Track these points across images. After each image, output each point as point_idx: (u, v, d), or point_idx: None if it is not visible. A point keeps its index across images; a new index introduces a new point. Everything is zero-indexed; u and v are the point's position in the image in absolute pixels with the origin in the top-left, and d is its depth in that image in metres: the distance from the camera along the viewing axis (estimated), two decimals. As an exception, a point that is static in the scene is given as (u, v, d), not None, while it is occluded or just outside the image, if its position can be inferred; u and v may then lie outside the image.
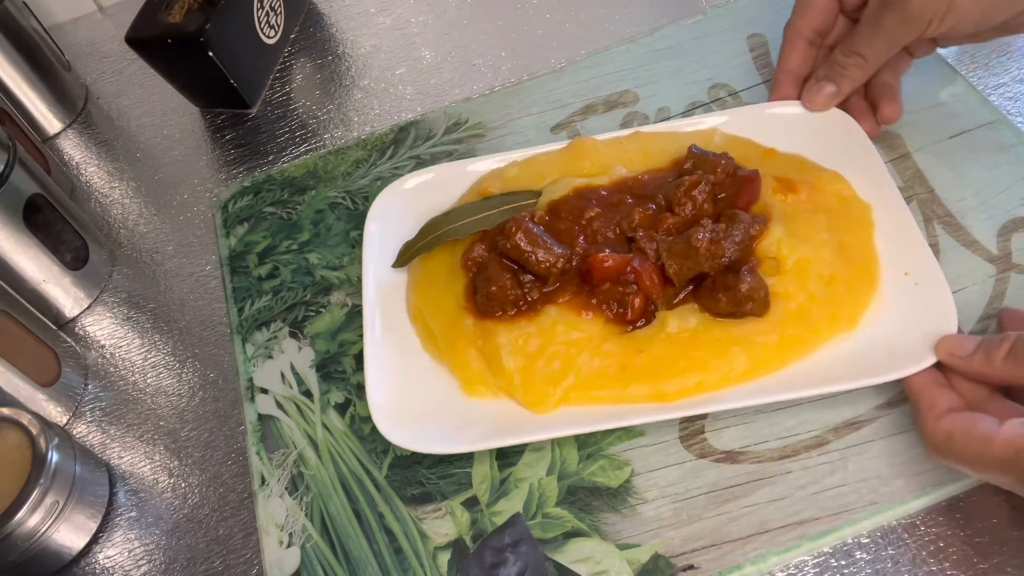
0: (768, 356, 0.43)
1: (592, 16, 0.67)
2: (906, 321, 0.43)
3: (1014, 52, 0.56)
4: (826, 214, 0.47)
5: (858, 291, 0.44)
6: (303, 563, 0.44)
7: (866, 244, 0.46)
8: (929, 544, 0.39)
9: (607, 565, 0.41)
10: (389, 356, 0.48)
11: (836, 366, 0.42)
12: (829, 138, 0.51)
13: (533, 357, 0.45)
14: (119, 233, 0.64)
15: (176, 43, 0.63)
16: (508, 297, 0.46)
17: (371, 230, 0.53)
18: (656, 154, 0.52)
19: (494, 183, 0.52)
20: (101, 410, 0.55)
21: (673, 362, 0.43)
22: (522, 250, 0.46)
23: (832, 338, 0.43)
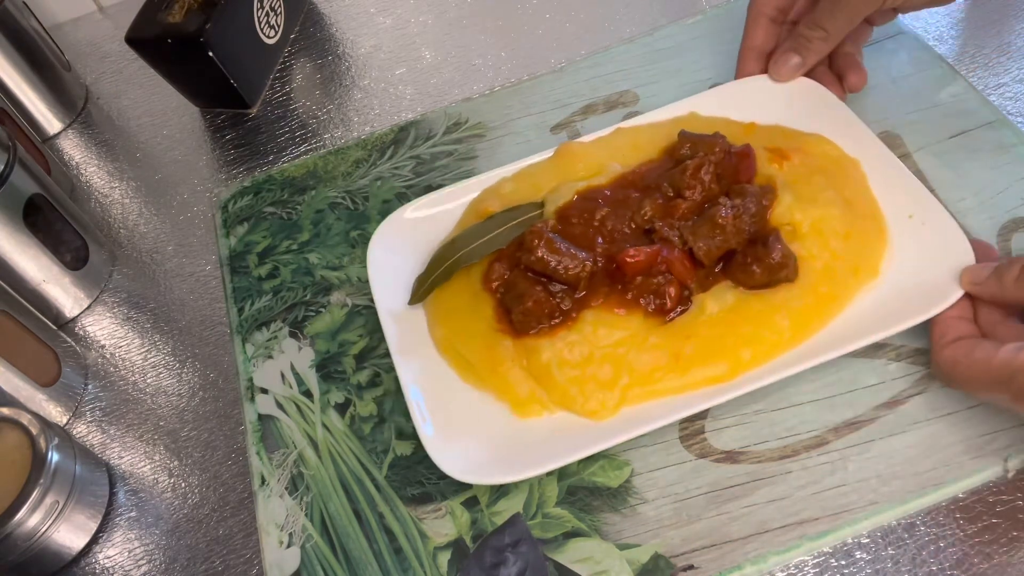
0: (809, 316, 0.44)
1: (592, 16, 0.67)
2: (924, 261, 0.44)
3: (1014, 52, 0.56)
4: (822, 174, 0.48)
5: (872, 241, 0.46)
6: (303, 563, 0.44)
7: (866, 195, 0.48)
8: (929, 544, 0.39)
9: (607, 565, 0.41)
10: (429, 394, 0.46)
11: (874, 317, 0.43)
12: (803, 105, 0.52)
13: (582, 365, 0.44)
14: (119, 233, 0.64)
15: (176, 43, 0.63)
16: (544, 310, 0.45)
17: (376, 275, 0.51)
18: (645, 146, 0.53)
19: (492, 201, 0.52)
20: (101, 410, 0.55)
21: (723, 341, 0.44)
22: (547, 261, 0.46)
23: (860, 289, 0.45)
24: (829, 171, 0.48)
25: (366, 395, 0.49)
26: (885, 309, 0.44)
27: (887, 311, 0.43)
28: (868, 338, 0.42)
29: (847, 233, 0.46)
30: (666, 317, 0.45)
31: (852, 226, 0.46)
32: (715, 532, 0.41)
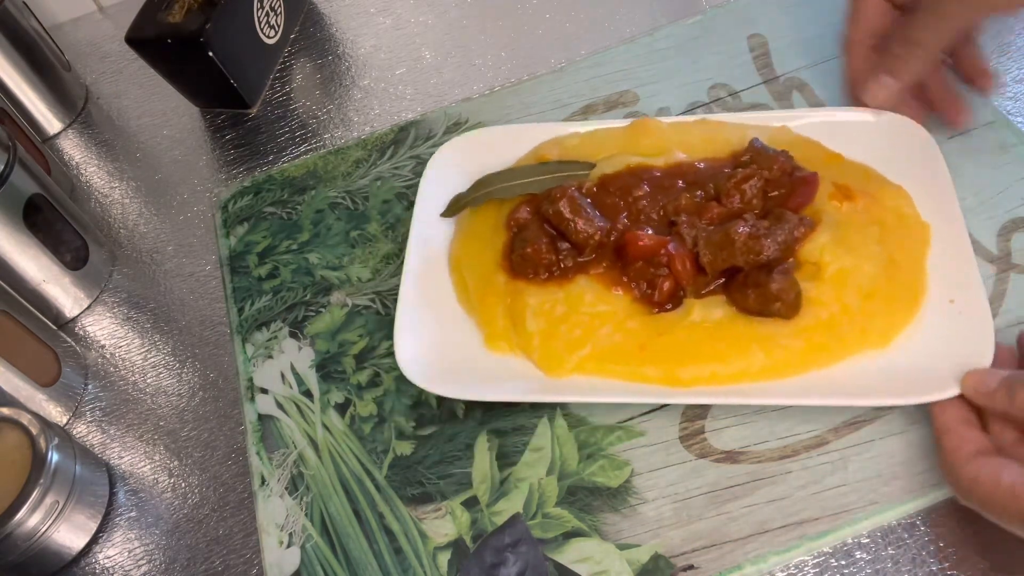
0: (788, 360, 0.43)
1: (592, 16, 0.67)
2: (939, 348, 0.42)
3: (1014, 52, 0.56)
4: (881, 227, 0.45)
5: (897, 310, 0.43)
6: (303, 563, 0.44)
7: (917, 264, 0.45)
8: (929, 544, 0.39)
9: (607, 565, 0.41)
10: (421, 300, 0.49)
11: (855, 379, 0.42)
12: (900, 150, 0.49)
13: (556, 322, 0.46)
14: (119, 233, 0.64)
15: (176, 43, 0.63)
16: (542, 260, 0.47)
17: (428, 178, 0.55)
18: (718, 143, 0.51)
19: (553, 150, 0.53)
20: (101, 410, 0.55)
21: (692, 349, 0.44)
22: (564, 217, 0.47)
23: (859, 353, 0.43)
24: (890, 226, 0.46)
25: (366, 395, 0.49)
26: (871, 377, 0.42)
27: (872, 379, 0.42)
28: (839, 399, 0.41)
29: (871, 293, 0.43)
30: (654, 309, 0.45)
31: (881, 288, 0.44)
32: (715, 532, 0.41)
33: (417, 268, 0.51)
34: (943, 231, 0.45)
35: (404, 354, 0.47)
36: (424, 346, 0.47)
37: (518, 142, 0.55)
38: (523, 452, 0.45)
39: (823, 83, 0.56)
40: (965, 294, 0.43)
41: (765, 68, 0.59)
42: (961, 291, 0.43)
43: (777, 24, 0.61)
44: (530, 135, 0.55)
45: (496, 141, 0.55)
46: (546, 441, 0.45)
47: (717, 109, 0.57)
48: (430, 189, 0.54)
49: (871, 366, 0.42)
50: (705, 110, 0.57)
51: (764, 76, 0.58)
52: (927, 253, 0.45)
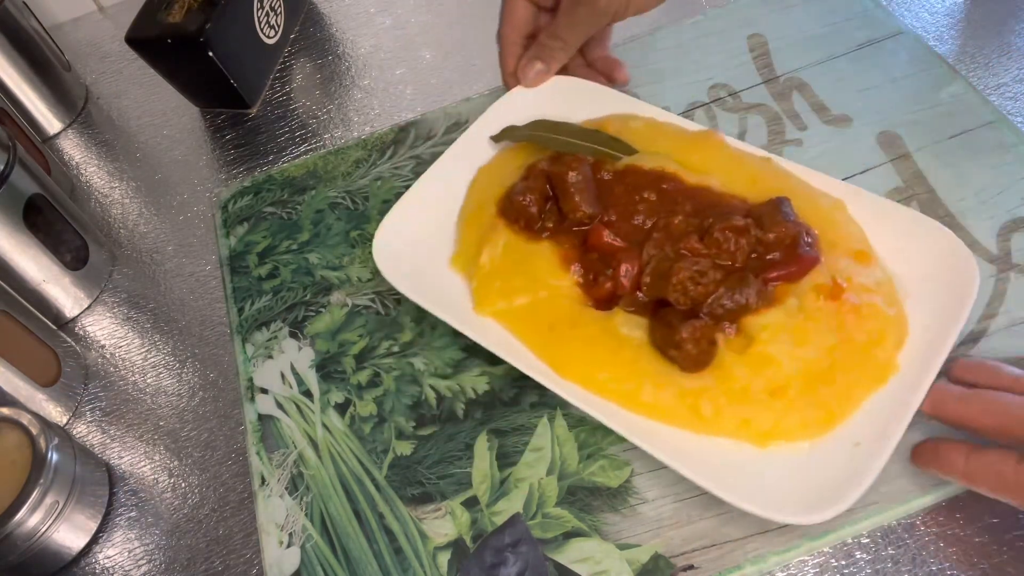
0: (667, 408, 0.42)
1: (592, 16, 0.67)
2: (808, 474, 0.39)
3: (1014, 52, 0.56)
4: (842, 342, 0.42)
5: (793, 424, 0.41)
6: (303, 563, 0.44)
7: (850, 397, 0.41)
8: (929, 544, 0.39)
9: (607, 565, 0.41)
10: (426, 200, 0.53)
11: (718, 459, 0.40)
12: (939, 276, 0.43)
13: (506, 267, 0.48)
14: (119, 233, 0.64)
15: (176, 43, 0.63)
16: (524, 211, 0.49)
17: (503, 101, 0.56)
18: (761, 187, 0.48)
19: (614, 124, 0.53)
20: (101, 410, 0.55)
21: (591, 352, 0.44)
22: (565, 184, 0.49)
23: (732, 438, 0.41)
24: (853, 348, 0.42)
25: (366, 395, 0.49)
26: (736, 466, 0.40)
27: (734, 469, 0.40)
28: (687, 469, 0.39)
29: (781, 391, 0.41)
30: (589, 300, 0.46)
31: (796, 395, 0.41)
32: (715, 532, 0.41)
33: (441, 173, 0.53)
34: (910, 375, 0.41)
35: (384, 235, 0.51)
36: (404, 239, 0.51)
37: (597, 103, 0.55)
38: (523, 452, 0.45)
39: (823, 83, 0.57)
40: (875, 444, 0.39)
41: (765, 68, 0.59)
42: (874, 441, 0.39)
43: (777, 24, 0.61)
44: (612, 102, 0.55)
45: (579, 94, 0.56)
46: (546, 441, 0.45)
47: (717, 109, 0.57)
48: (497, 114, 0.56)
49: (744, 457, 0.41)
50: (705, 110, 0.57)
51: (764, 76, 0.58)
52: (869, 394, 0.41)
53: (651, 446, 0.40)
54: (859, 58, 0.57)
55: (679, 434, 0.42)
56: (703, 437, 0.41)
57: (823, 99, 0.56)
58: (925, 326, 0.42)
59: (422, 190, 0.53)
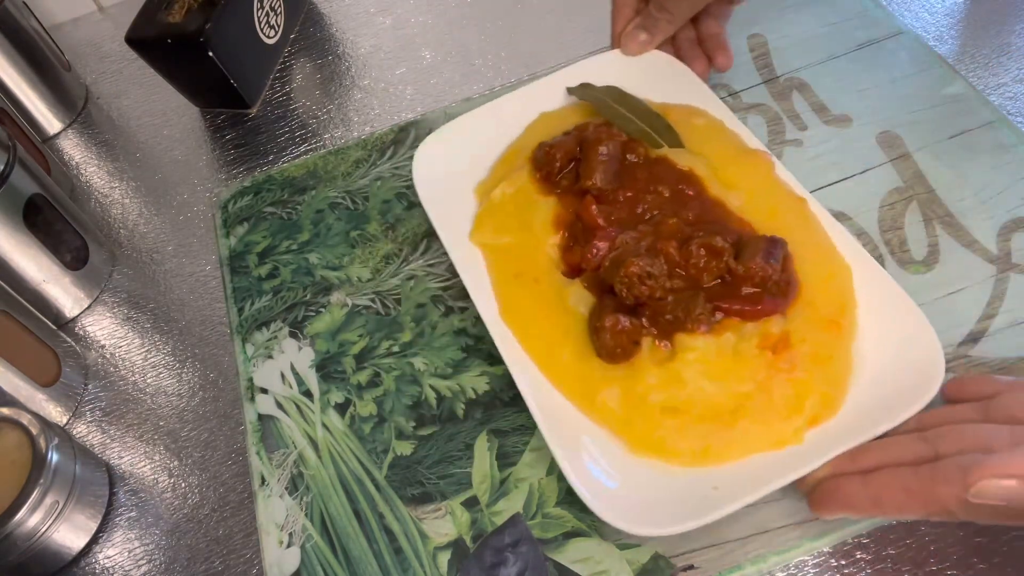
0: (569, 377, 0.44)
1: (592, 16, 0.67)
2: (651, 488, 0.40)
3: (1014, 52, 0.56)
4: (759, 394, 0.41)
5: (672, 445, 0.41)
6: (303, 563, 0.44)
7: (738, 448, 0.41)
8: (929, 544, 0.39)
9: (607, 565, 0.41)
10: (485, 125, 0.56)
11: (581, 440, 0.43)
12: (901, 378, 0.41)
13: (507, 207, 0.51)
14: (119, 233, 0.64)
15: (176, 43, 0.63)
16: (546, 162, 0.51)
17: (588, 64, 0.58)
18: (777, 222, 0.47)
19: (678, 114, 0.53)
20: (101, 410, 0.55)
21: (538, 308, 0.47)
22: (592, 152, 0.50)
23: (612, 432, 0.43)
24: (771, 399, 0.41)
25: (366, 395, 0.49)
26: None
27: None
28: (545, 430, 0.41)
29: (672, 411, 0.42)
30: (562, 265, 0.49)
31: (676, 417, 0.41)
32: (715, 532, 0.41)
33: (505, 107, 0.56)
34: (808, 453, 0.39)
35: (429, 146, 0.55)
36: (448, 154, 0.55)
37: (679, 88, 0.55)
38: (523, 452, 0.45)
39: (823, 83, 0.57)
40: (727, 496, 0.39)
41: (765, 68, 0.59)
42: (729, 494, 0.39)
43: (777, 24, 0.61)
44: (692, 92, 0.55)
45: (666, 74, 0.56)
46: (546, 441, 0.45)
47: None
48: (584, 69, 0.57)
49: (610, 449, 0.42)
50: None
51: (764, 76, 0.58)
52: (758, 452, 0.41)
53: (536, 404, 0.43)
54: (859, 58, 0.57)
55: (571, 410, 0.44)
56: (586, 418, 0.43)
57: (823, 99, 0.56)
58: (861, 409, 0.40)
59: (481, 115, 0.56)
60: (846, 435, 0.39)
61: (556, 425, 0.42)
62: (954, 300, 0.45)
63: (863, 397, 0.41)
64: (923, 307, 0.42)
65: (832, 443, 0.39)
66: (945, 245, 0.48)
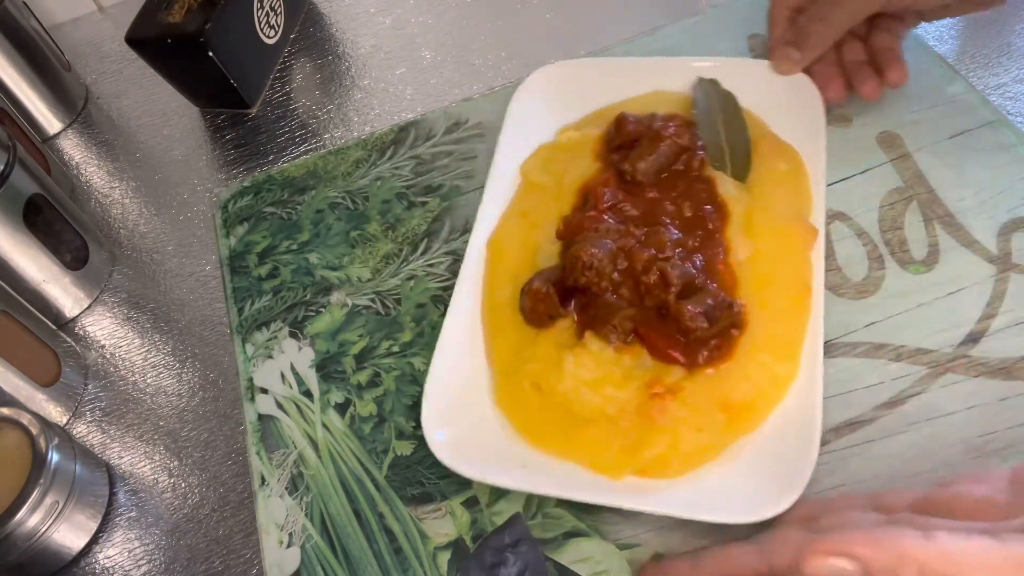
0: (497, 315, 0.48)
1: (592, 16, 0.67)
2: (477, 430, 0.44)
3: (1014, 52, 0.56)
4: (619, 413, 0.43)
5: (520, 414, 0.44)
6: (303, 563, 0.44)
7: (567, 446, 0.43)
8: (929, 544, 0.39)
9: (607, 565, 0.41)
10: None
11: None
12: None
13: (560, 150, 0.54)
14: (119, 233, 0.64)
15: (176, 43, 0.63)
16: (617, 131, 0.53)
17: (735, 64, 0.56)
18: (765, 293, 0.45)
19: (768, 146, 0.51)
20: (101, 410, 0.55)
21: (519, 257, 0.50)
22: (650, 145, 0.50)
23: (494, 380, 0.46)
24: (634, 434, 0.42)
25: (366, 395, 0.49)
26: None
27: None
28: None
29: (541, 402, 0.44)
30: (560, 227, 0.50)
31: (546, 407, 0.44)
32: (715, 532, 0.41)
33: (620, 69, 0.57)
34: (625, 493, 0.41)
35: (542, 75, 0.57)
36: (546, 93, 0.57)
37: (798, 123, 0.51)
38: (523, 452, 0.45)
39: (823, 83, 0.56)
40: (528, 474, 0.42)
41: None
42: (531, 471, 0.42)
43: (777, 24, 0.61)
44: (809, 133, 0.51)
45: (796, 101, 0.52)
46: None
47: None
48: (726, 69, 0.55)
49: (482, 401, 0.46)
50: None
51: (764, 76, 0.58)
52: (573, 456, 0.42)
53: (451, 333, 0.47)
54: (859, 58, 0.57)
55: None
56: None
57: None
58: (698, 491, 0.40)
59: (603, 67, 0.58)
60: (662, 500, 0.40)
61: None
62: (954, 300, 0.45)
63: (709, 483, 0.40)
64: (923, 307, 0.42)
65: (643, 498, 0.40)
66: (945, 245, 0.48)
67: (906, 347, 0.44)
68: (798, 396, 0.42)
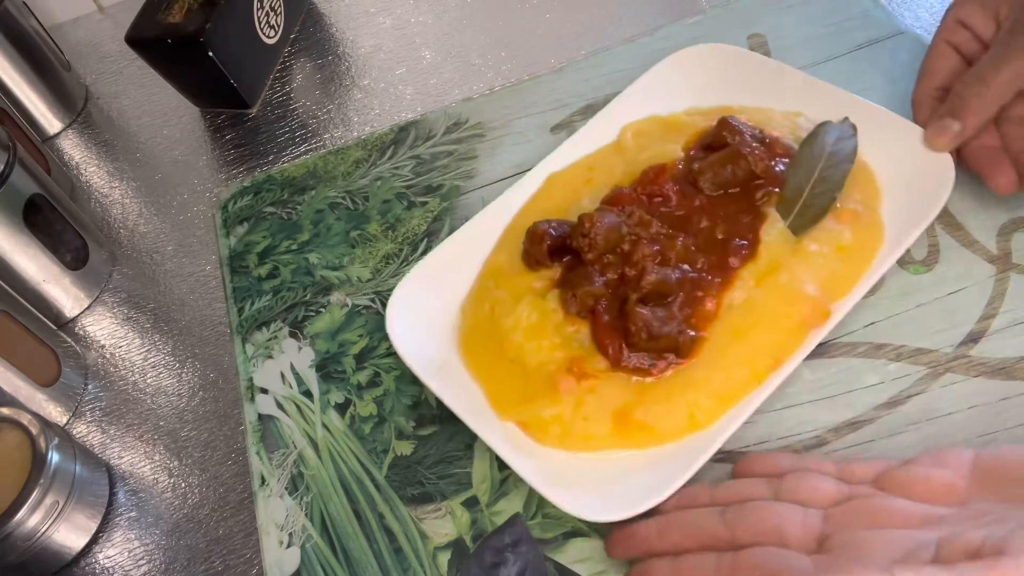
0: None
1: (592, 16, 0.67)
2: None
3: (1014, 52, 0.56)
4: (537, 369, 0.45)
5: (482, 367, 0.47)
6: (303, 563, 0.44)
7: (477, 363, 0.47)
8: (929, 544, 0.39)
9: (607, 565, 0.41)
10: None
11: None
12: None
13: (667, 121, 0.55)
14: (119, 233, 0.64)
15: (176, 43, 0.63)
16: (729, 131, 0.50)
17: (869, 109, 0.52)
18: (736, 345, 0.44)
19: (854, 223, 0.47)
20: (101, 410, 0.55)
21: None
22: (728, 160, 0.49)
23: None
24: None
25: (366, 395, 0.49)
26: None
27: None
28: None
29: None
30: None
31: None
32: (715, 532, 0.41)
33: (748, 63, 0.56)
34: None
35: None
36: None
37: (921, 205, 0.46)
38: (523, 452, 0.45)
39: (823, 83, 0.56)
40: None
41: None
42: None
43: (777, 24, 0.61)
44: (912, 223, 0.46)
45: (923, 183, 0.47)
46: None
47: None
48: (875, 121, 0.49)
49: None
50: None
51: (764, 76, 0.58)
52: (478, 375, 0.46)
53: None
54: (859, 58, 0.57)
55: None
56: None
57: (823, 99, 0.56)
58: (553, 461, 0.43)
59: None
60: (523, 461, 0.42)
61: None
62: (954, 300, 0.45)
63: (572, 467, 0.42)
64: (923, 307, 0.42)
65: (511, 449, 0.42)
66: (945, 245, 0.48)
67: (906, 347, 0.44)
68: (692, 444, 0.41)
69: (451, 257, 0.51)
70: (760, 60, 0.56)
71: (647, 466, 0.41)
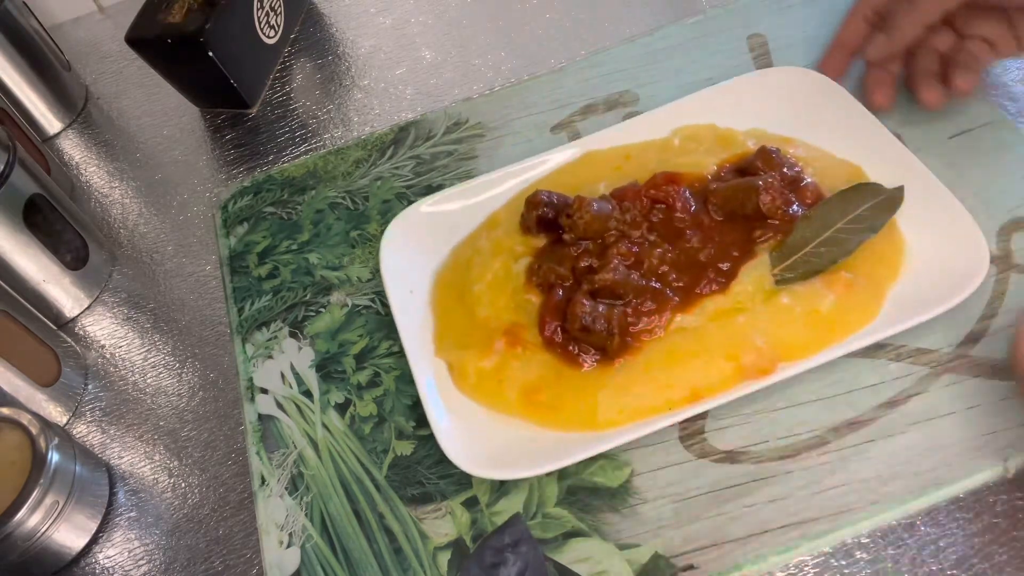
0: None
1: (592, 16, 0.67)
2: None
3: (1014, 52, 0.56)
4: (483, 321, 0.49)
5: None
6: (303, 563, 0.44)
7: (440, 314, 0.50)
8: (929, 544, 0.39)
9: (607, 565, 0.41)
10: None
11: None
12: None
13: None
14: (119, 233, 0.64)
15: (176, 43, 0.63)
16: (765, 160, 0.50)
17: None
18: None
19: (869, 278, 0.46)
20: (101, 410, 0.55)
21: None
22: (755, 181, 0.48)
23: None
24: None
25: (366, 395, 0.49)
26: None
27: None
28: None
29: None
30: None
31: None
32: (715, 532, 0.41)
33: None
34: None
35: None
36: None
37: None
38: (523, 452, 0.45)
39: (823, 83, 0.56)
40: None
41: (765, 68, 0.59)
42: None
43: (777, 24, 0.61)
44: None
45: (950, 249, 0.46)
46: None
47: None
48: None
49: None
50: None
51: (764, 76, 0.58)
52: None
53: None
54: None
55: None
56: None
57: (823, 99, 0.55)
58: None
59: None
60: (436, 401, 0.46)
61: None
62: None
63: (475, 421, 0.46)
64: (923, 307, 0.42)
65: (430, 386, 0.47)
66: (945, 245, 0.48)
67: (906, 347, 0.44)
68: (584, 439, 0.43)
69: (466, 197, 0.54)
70: (848, 101, 0.52)
71: (533, 442, 0.44)
